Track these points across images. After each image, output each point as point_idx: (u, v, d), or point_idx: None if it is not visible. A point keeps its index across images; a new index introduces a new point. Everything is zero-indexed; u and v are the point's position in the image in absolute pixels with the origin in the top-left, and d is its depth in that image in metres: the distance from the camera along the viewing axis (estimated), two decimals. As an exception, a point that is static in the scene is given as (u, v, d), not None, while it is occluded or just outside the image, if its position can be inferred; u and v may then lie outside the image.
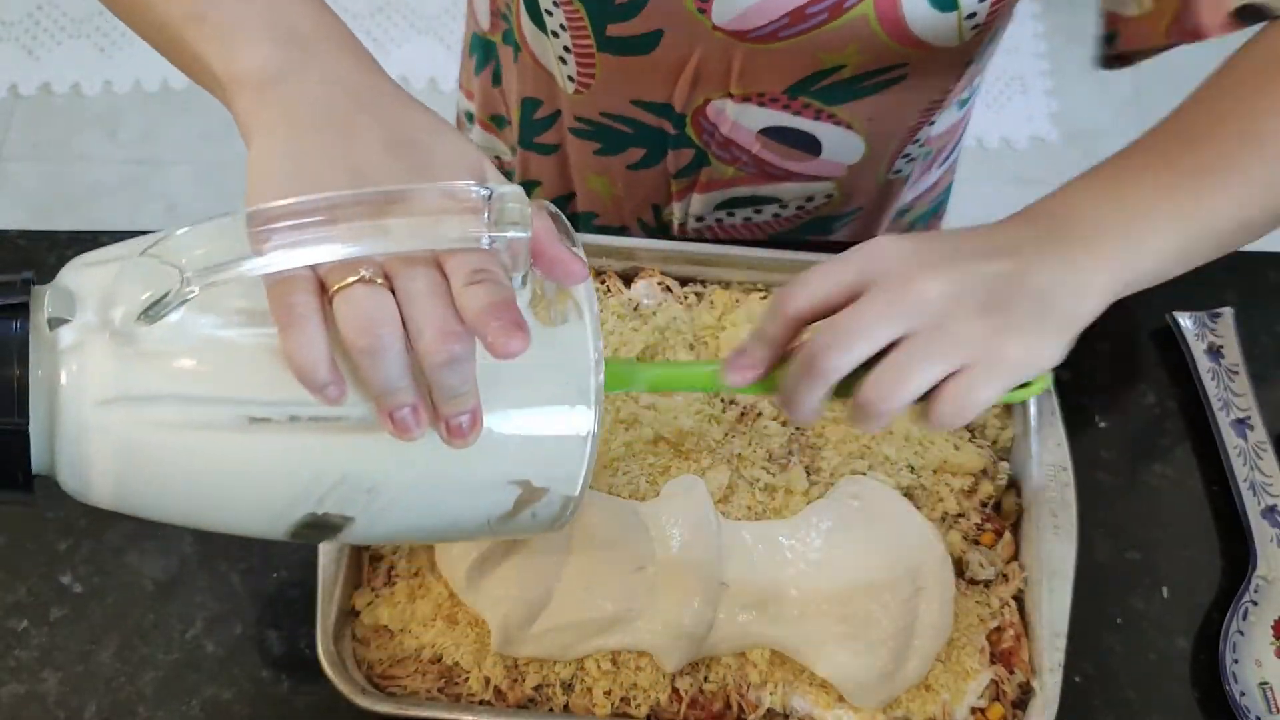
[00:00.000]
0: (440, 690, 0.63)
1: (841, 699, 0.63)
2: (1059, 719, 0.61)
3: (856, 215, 0.86)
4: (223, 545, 0.71)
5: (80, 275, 0.46)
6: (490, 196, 0.43)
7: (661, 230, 0.86)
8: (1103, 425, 0.75)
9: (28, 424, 0.43)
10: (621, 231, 0.87)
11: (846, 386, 0.51)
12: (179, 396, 0.44)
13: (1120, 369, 0.77)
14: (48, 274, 0.80)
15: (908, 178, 0.85)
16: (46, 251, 0.82)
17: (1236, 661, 0.66)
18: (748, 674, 0.63)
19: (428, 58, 2.08)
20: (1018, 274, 0.51)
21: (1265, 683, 0.66)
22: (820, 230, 0.85)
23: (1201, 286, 0.79)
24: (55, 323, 0.44)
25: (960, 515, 0.67)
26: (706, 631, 0.62)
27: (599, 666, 0.63)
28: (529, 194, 0.82)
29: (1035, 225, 0.53)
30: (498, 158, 0.93)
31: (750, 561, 0.65)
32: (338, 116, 0.47)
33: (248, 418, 0.44)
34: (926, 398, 0.50)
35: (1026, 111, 2.09)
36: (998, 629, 0.64)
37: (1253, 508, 0.71)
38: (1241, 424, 0.73)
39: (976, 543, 0.67)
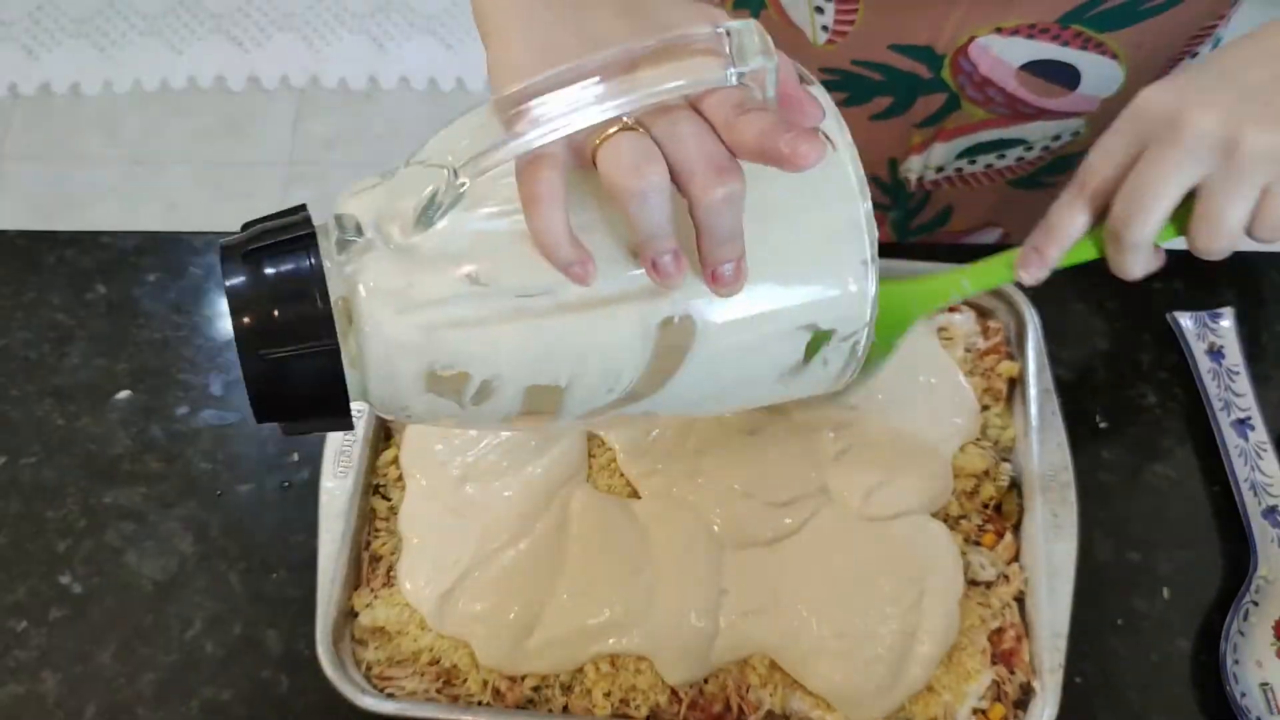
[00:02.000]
0: (439, 691, 0.63)
1: (842, 700, 0.63)
2: (1060, 719, 0.61)
3: None
4: (221, 546, 0.71)
5: (354, 201, 0.47)
6: (728, 33, 0.42)
7: (896, 188, 0.82)
8: (1103, 426, 0.75)
9: (338, 345, 0.44)
10: None
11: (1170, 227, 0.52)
12: (463, 294, 0.45)
13: (1121, 370, 0.77)
14: (47, 274, 0.80)
15: None
16: (46, 251, 0.82)
17: (1237, 662, 0.66)
18: (747, 676, 0.63)
19: (428, 58, 2.09)
20: None
21: (1266, 683, 0.66)
22: (1059, 170, 0.81)
23: (1202, 287, 0.80)
24: (342, 245, 0.45)
25: (962, 517, 0.67)
26: (709, 644, 0.62)
27: (598, 669, 0.63)
28: None
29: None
30: None
31: (753, 567, 0.65)
32: None
33: (522, 305, 0.45)
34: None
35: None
36: (999, 630, 0.64)
37: (1253, 508, 0.71)
38: (1242, 424, 0.73)
39: (978, 544, 0.67)
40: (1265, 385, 0.75)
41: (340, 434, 0.68)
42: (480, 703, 0.63)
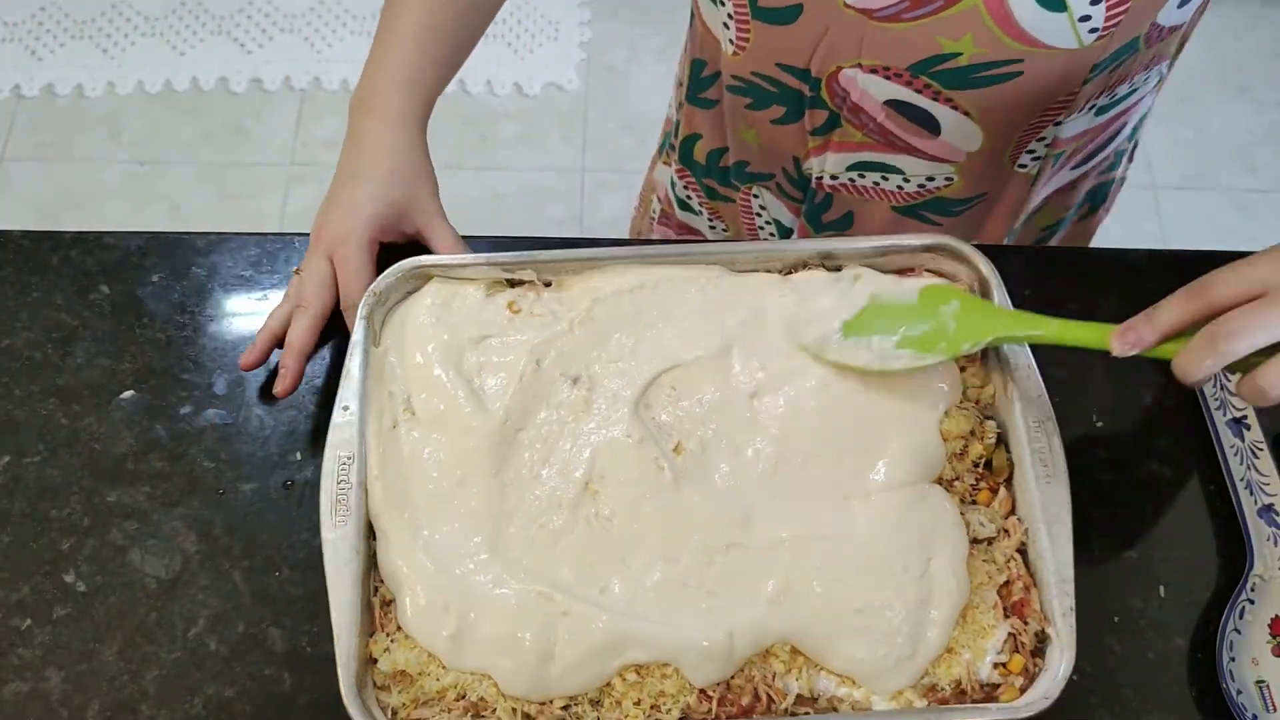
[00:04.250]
0: None
1: (867, 672, 0.63)
2: (1057, 716, 0.61)
3: (980, 201, 0.90)
4: (224, 544, 0.71)
5: None
6: None
7: (803, 182, 0.95)
8: (1100, 425, 0.75)
9: None
10: (768, 179, 0.97)
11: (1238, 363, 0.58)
12: None
13: (1117, 369, 0.77)
14: (51, 274, 0.81)
15: (1035, 175, 0.88)
16: (50, 252, 0.82)
17: (1233, 660, 0.67)
18: (771, 665, 0.63)
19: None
20: None
21: (1262, 681, 0.66)
22: (941, 211, 0.92)
23: (1199, 287, 0.80)
24: None
25: (955, 479, 0.68)
26: (730, 645, 0.63)
27: (624, 679, 0.63)
28: (690, 147, 1.01)
29: None
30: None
31: (761, 558, 0.65)
32: None
33: None
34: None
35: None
36: (1006, 583, 0.65)
37: (1249, 507, 0.71)
38: (1238, 423, 0.73)
39: (974, 503, 0.67)
40: (1262, 385, 0.75)
41: (334, 483, 0.66)
42: None
